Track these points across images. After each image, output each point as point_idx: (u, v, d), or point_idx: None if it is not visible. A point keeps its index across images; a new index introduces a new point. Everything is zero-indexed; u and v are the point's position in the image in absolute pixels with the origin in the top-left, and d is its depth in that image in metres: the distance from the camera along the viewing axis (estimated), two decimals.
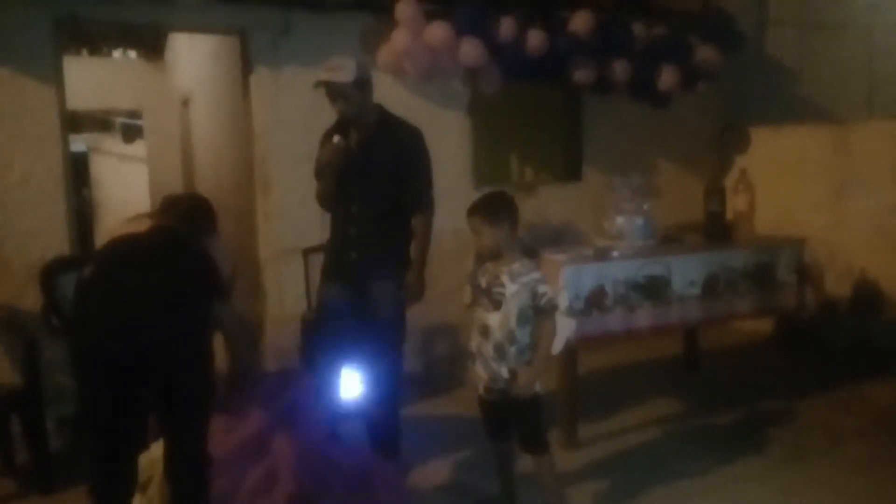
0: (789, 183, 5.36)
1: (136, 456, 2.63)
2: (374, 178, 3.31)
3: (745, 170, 5.34)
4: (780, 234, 4.56)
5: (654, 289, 3.86)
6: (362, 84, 3.25)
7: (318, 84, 3.24)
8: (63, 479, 3.43)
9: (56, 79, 3.97)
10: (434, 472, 3.49)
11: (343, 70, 3.19)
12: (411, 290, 3.38)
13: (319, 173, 3.41)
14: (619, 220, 4.05)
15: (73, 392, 3.61)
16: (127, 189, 9.55)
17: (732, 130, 5.87)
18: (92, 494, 2.50)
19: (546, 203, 5.20)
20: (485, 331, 2.92)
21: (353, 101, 3.24)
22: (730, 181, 5.24)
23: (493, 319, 2.89)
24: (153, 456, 2.71)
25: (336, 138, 3.28)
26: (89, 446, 2.60)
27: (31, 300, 3.77)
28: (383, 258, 3.37)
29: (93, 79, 7.70)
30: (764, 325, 5.28)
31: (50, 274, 3.71)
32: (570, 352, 3.67)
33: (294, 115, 4.42)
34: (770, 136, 5.64)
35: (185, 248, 2.67)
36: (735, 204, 4.81)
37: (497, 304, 2.88)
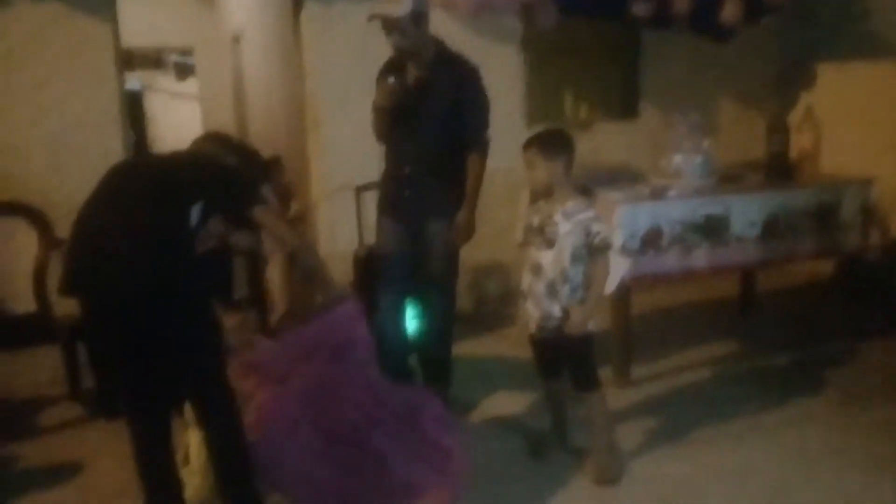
0: (857, 122, 5.13)
1: (165, 410, 2.54)
2: (430, 117, 3.26)
3: (811, 107, 5.12)
4: (845, 175, 4.39)
5: (712, 229, 3.77)
6: (419, 17, 3.17)
7: (373, 17, 3.18)
8: None
9: (111, 17, 3.99)
10: (484, 409, 3.53)
11: (399, 2, 3.12)
12: (462, 230, 3.38)
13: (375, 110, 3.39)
14: (677, 158, 3.94)
15: None
16: (180, 127, 9.65)
17: (797, 67, 5.62)
18: (133, 426, 2.49)
19: (601, 141, 5.09)
20: (537, 270, 2.89)
21: (408, 35, 3.17)
22: (794, 119, 5.04)
23: (546, 258, 2.86)
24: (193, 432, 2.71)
25: (391, 79, 3.23)
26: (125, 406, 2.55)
27: None
28: (437, 197, 3.36)
29: (146, 17, 7.72)
30: (825, 268, 5.13)
31: None
32: (624, 291, 3.64)
33: (345, 52, 4.38)
34: (837, 73, 5.38)
35: (180, 159, 2.65)
36: (799, 142, 4.63)
37: (550, 243, 2.85)
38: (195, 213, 2.46)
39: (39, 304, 3.62)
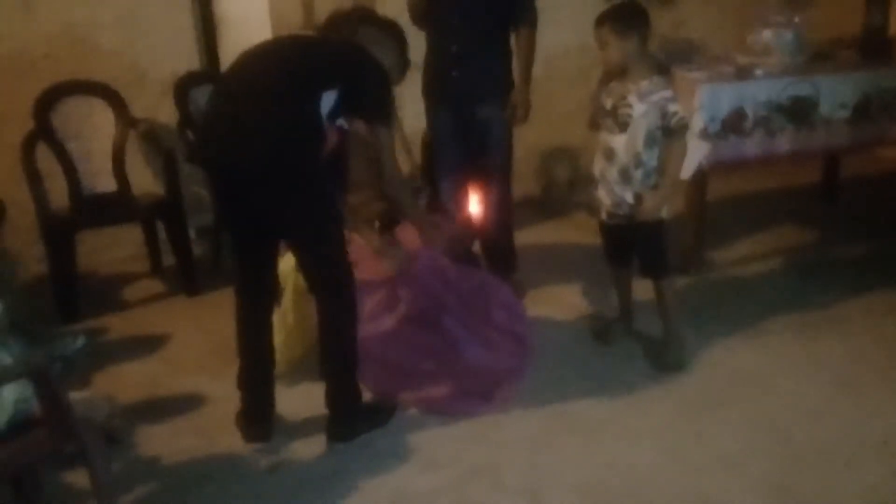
0: None
1: (269, 268, 2.57)
2: None
3: None
4: None
5: (799, 111, 3.56)
6: None
7: None
8: (205, 281, 3.72)
9: None
10: (551, 294, 3.54)
11: None
12: (518, 111, 3.27)
13: None
14: (766, 33, 3.68)
15: (209, 203, 3.86)
16: (247, 4, 9.52)
17: None
18: (237, 297, 2.56)
19: (684, 14, 4.80)
20: (609, 154, 2.80)
21: None
22: None
23: (619, 142, 2.76)
24: (284, 269, 2.75)
25: None
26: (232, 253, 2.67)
27: (166, 113, 3.91)
28: (488, 77, 3.23)
29: None
30: None
31: (183, 88, 3.81)
32: (701, 176, 3.51)
33: None
34: None
35: (330, 42, 2.53)
36: None
37: (623, 126, 2.74)
38: (328, 101, 2.35)
39: (119, 183, 3.73)
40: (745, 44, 3.77)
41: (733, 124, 3.47)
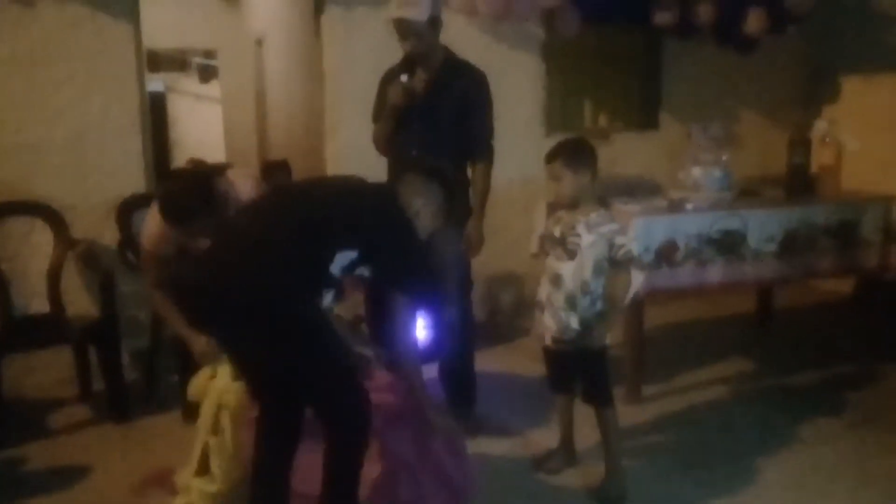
0: (881, 136, 5.04)
1: (293, 414, 2.40)
2: (437, 121, 3.22)
3: (834, 121, 5.05)
4: (867, 191, 4.31)
5: (728, 244, 3.72)
6: (436, 22, 3.16)
7: (393, 20, 3.14)
8: (136, 408, 3.58)
9: (133, 18, 4.00)
10: (493, 422, 3.49)
11: (418, 6, 3.08)
12: (472, 241, 3.33)
13: (378, 115, 3.35)
14: (696, 170, 3.89)
15: (146, 326, 3.78)
16: (203, 128, 9.72)
17: (821, 79, 5.54)
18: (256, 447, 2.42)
19: (620, 152, 5.04)
20: (556, 280, 2.86)
21: (425, 39, 3.14)
22: (816, 133, 4.97)
23: (567, 269, 2.82)
24: (207, 384, 2.67)
25: (403, 77, 3.19)
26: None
27: (108, 236, 3.89)
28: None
29: (171, 18, 7.78)
30: (844, 286, 5.05)
31: (126, 210, 3.82)
32: (638, 305, 3.59)
33: (365, 56, 4.37)
34: (862, 85, 5.31)
35: (354, 199, 2.33)
36: (820, 157, 4.55)
37: (572, 254, 2.81)
38: (345, 258, 2.19)
39: (53, 304, 3.64)
40: (676, 179, 3.97)
41: (666, 255, 3.59)
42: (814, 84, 5.60)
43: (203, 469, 2.69)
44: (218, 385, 2.70)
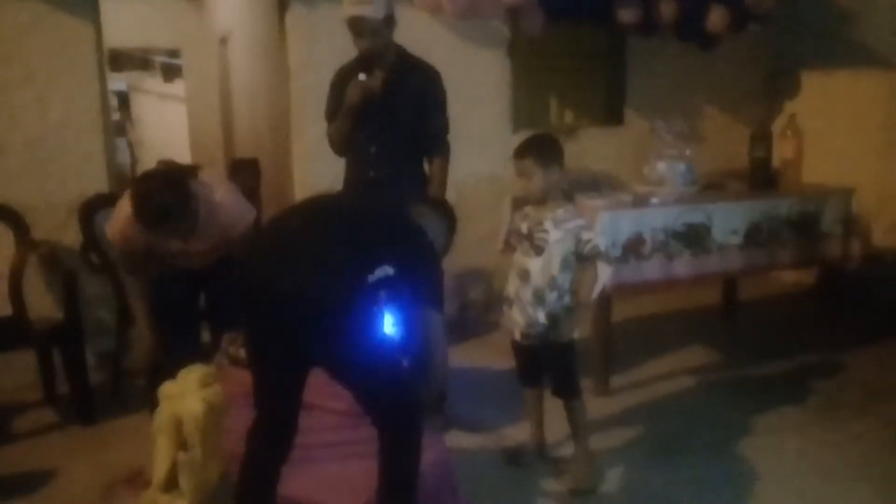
0: (841, 131, 5.14)
1: (293, 408, 2.37)
2: (395, 118, 3.22)
3: (795, 115, 5.14)
4: (828, 184, 4.40)
5: (693, 237, 3.77)
6: (391, 20, 3.16)
7: (348, 19, 3.13)
8: (102, 410, 3.54)
9: (93, 17, 3.94)
10: (464, 417, 3.50)
11: (373, 4, 3.07)
12: None
13: (332, 114, 3.34)
14: (660, 165, 3.95)
15: (111, 328, 3.73)
16: (166, 128, 9.61)
17: (782, 75, 5.64)
18: (249, 441, 2.35)
19: (586, 147, 5.08)
20: (524, 275, 2.87)
21: (381, 37, 3.14)
22: (777, 127, 5.06)
23: (534, 265, 2.84)
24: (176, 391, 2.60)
25: (362, 76, 3.18)
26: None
27: (70, 237, 3.83)
28: (403, 202, 3.31)
29: (134, 17, 7.68)
30: (806, 277, 5.16)
31: (89, 210, 3.76)
32: (605, 299, 3.63)
33: (330, 54, 4.29)
34: (822, 81, 5.41)
35: (395, 221, 2.45)
36: (782, 151, 4.63)
37: (539, 250, 2.83)
38: (380, 273, 2.26)
39: (15, 307, 3.57)
40: (641, 174, 4.02)
41: (633, 249, 3.64)
42: (775, 80, 5.70)
43: (170, 485, 2.60)
44: (173, 391, 2.62)
